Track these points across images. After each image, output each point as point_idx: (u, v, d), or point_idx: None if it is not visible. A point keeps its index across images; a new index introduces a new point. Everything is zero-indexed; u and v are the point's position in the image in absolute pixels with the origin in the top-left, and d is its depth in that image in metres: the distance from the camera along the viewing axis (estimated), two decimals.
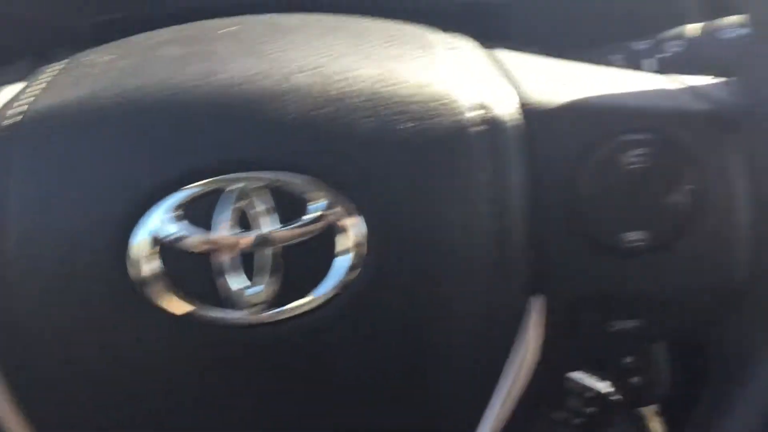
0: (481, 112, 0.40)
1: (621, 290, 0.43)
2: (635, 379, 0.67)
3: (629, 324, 0.43)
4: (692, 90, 0.44)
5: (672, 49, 0.54)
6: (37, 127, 0.39)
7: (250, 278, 0.38)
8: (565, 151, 0.41)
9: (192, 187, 0.38)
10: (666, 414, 0.70)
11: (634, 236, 0.42)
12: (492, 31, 0.66)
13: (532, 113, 0.41)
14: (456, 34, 0.45)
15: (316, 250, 0.38)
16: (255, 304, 0.38)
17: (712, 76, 0.46)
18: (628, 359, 0.67)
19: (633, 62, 0.56)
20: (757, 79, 0.41)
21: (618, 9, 0.65)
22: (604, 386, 0.53)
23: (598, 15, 0.65)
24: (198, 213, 0.38)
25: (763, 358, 0.43)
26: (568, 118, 0.41)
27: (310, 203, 0.38)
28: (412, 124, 0.39)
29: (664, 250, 0.42)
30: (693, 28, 0.56)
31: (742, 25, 0.49)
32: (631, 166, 0.41)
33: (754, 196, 0.41)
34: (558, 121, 0.41)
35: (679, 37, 0.55)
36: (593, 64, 0.47)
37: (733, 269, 0.42)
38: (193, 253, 0.38)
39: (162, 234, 0.38)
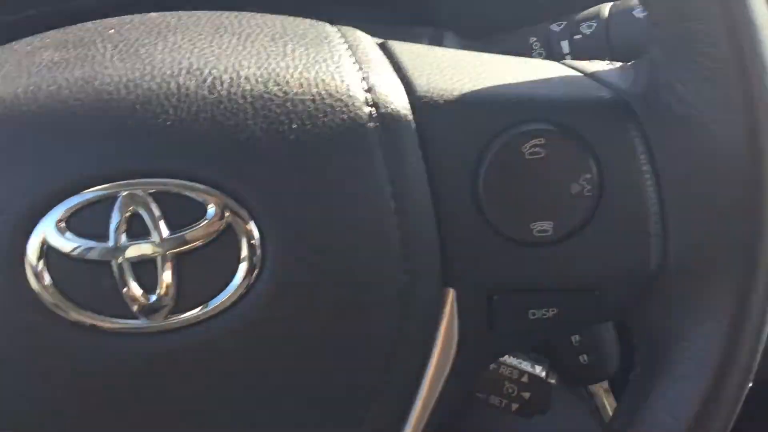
0: (373, 108, 0.40)
1: (535, 279, 0.43)
2: (583, 358, 0.67)
3: (547, 313, 0.43)
4: (589, 76, 0.44)
5: (585, 30, 0.53)
6: None
7: (146, 287, 0.38)
8: (463, 143, 0.41)
9: (80, 195, 0.38)
10: (616, 390, 0.71)
11: (540, 226, 0.41)
12: (417, 14, 0.66)
13: (426, 107, 0.41)
14: (348, 27, 0.45)
15: (212, 258, 0.38)
16: (152, 313, 0.38)
17: (617, 60, 0.46)
18: (576, 338, 0.67)
19: (550, 44, 0.56)
20: (650, 62, 0.41)
21: None
22: (539, 369, 0.53)
23: None
24: (90, 222, 0.38)
25: (682, 344, 0.43)
26: (463, 110, 0.41)
27: (204, 209, 0.38)
28: (303, 124, 0.39)
29: (571, 239, 0.42)
30: (610, 7, 0.56)
31: None
32: (530, 157, 0.41)
33: (656, 180, 0.41)
34: (454, 114, 0.41)
35: (594, 16, 0.55)
36: (497, 52, 0.47)
37: (644, 255, 0.42)
38: (88, 262, 0.38)
39: (55, 244, 0.38)
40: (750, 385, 0.43)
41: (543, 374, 0.53)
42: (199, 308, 0.39)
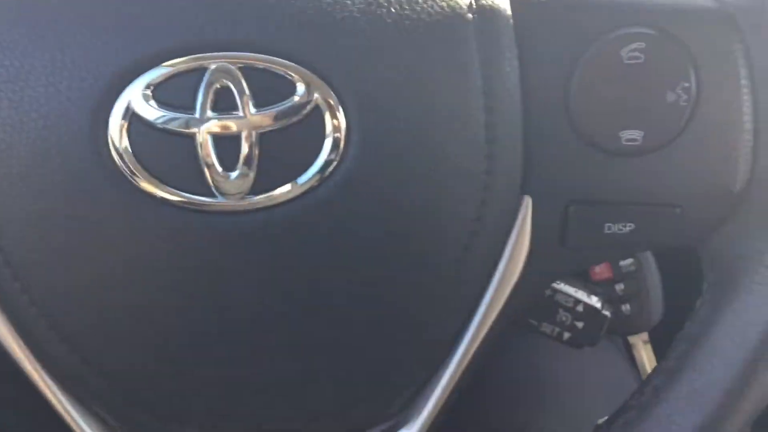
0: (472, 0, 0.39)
1: (616, 191, 0.42)
2: (626, 307, 0.67)
3: (623, 228, 0.43)
4: None
5: None
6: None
7: (228, 164, 0.37)
8: (560, 44, 0.40)
9: (171, 64, 0.37)
10: (654, 343, 0.70)
11: (630, 135, 0.41)
12: None
13: (526, 4, 0.40)
14: None
15: (297, 138, 0.38)
16: (236, 192, 0.38)
17: None
18: (620, 286, 0.66)
19: None
20: None
21: None
22: (595, 300, 0.52)
23: None
24: (176, 93, 0.37)
25: (758, 269, 0.43)
26: (564, 10, 0.40)
27: (292, 90, 0.37)
28: (401, 8, 0.38)
29: (660, 151, 0.41)
30: None
31: None
32: (628, 62, 0.40)
33: (753, 97, 0.41)
34: (552, 14, 0.40)
35: None
36: None
37: (732, 174, 0.42)
38: (170, 132, 0.37)
39: (140, 111, 0.37)
40: None
41: (599, 305, 0.52)
42: (284, 188, 0.38)
